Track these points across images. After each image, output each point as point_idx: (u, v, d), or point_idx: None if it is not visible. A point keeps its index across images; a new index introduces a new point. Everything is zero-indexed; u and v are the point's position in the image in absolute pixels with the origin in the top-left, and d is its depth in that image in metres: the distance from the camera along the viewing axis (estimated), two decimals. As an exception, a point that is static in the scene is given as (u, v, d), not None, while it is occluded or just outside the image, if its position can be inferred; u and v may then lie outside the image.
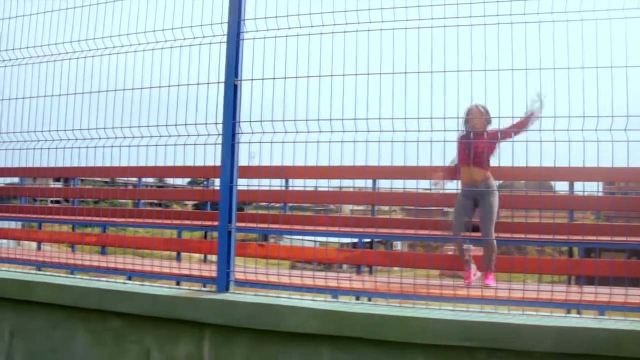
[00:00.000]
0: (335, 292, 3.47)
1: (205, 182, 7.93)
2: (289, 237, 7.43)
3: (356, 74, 3.07)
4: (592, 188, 6.26)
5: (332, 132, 3.06)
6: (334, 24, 3.15)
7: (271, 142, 3.20)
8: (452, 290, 3.46)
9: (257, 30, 3.35)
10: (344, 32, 3.13)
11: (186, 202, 11.06)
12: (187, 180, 8.84)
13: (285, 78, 3.21)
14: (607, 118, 2.76)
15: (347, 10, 3.14)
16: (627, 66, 2.76)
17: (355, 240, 6.95)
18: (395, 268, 6.00)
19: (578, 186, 6.16)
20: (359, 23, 3.12)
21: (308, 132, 3.10)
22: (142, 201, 8.06)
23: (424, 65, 2.98)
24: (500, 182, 5.72)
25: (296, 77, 3.19)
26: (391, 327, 2.72)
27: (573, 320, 2.73)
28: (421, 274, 3.85)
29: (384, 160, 3.03)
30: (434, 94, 2.93)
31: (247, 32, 3.39)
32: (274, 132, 3.17)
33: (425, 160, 2.96)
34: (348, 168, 3.24)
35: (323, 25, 3.17)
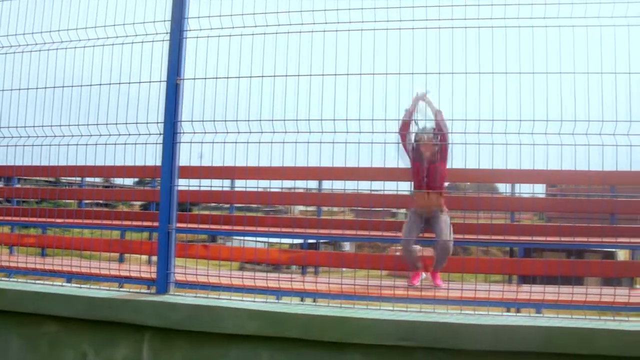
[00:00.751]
0: (278, 293, 3.46)
1: (151, 183, 7.78)
2: (238, 238, 7.36)
3: (298, 75, 3.08)
4: (531, 190, 6.43)
5: (274, 132, 3.05)
6: (278, 25, 3.16)
7: (212, 143, 3.18)
8: (392, 290, 3.48)
9: (200, 29, 3.31)
10: (287, 32, 3.13)
11: (133, 203, 10.83)
12: (135, 180, 8.66)
13: (227, 78, 3.19)
14: (542, 122, 2.86)
15: (291, 11, 3.14)
16: (560, 72, 2.87)
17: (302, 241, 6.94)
18: (343, 269, 6.01)
19: (522, 188, 6.31)
20: (302, 24, 3.13)
21: (250, 132, 3.09)
22: (86, 201, 7.84)
23: (366, 67, 3.01)
24: (447, 184, 5.79)
25: (238, 77, 3.17)
26: (330, 328, 2.73)
27: (509, 319, 2.81)
28: (365, 275, 3.88)
29: (324, 161, 3.04)
30: (375, 95, 2.97)
31: (190, 30, 3.35)
32: (216, 132, 3.14)
33: (366, 161, 2.99)
34: (290, 169, 3.24)
35: (267, 26, 3.17)
